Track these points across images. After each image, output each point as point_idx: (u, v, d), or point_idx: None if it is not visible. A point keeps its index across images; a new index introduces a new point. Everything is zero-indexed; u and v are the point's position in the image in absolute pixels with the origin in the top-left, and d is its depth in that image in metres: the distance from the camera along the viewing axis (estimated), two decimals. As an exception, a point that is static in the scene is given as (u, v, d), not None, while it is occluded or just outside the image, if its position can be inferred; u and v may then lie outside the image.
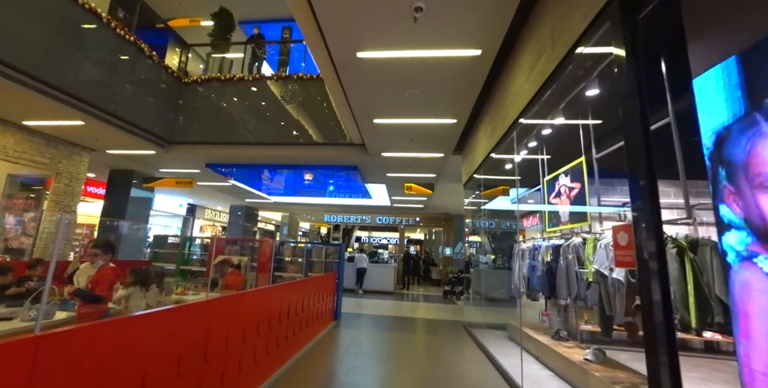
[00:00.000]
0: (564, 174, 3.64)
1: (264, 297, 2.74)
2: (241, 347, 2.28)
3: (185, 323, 1.77)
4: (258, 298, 2.66)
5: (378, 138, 5.07)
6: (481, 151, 4.47)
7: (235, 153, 6.27)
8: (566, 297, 3.22)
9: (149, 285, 2.74)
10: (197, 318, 1.87)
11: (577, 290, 3.12)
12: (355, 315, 5.91)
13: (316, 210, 12.64)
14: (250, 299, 2.55)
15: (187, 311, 1.83)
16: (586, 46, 1.95)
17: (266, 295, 2.76)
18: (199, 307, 1.90)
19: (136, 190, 7.87)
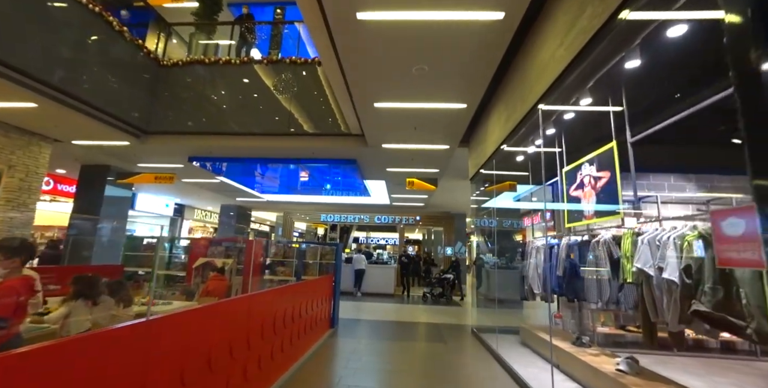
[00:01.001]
0: (588, 163, 3.26)
1: (244, 308, 2.28)
2: (206, 377, 1.79)
3: (108, 355, 1.24)
4: (235, 309, 2.19)
5: (379, 126, 4.64)
6: (492, 141, 4.07)
7: (221, 144, 5.77)
8: (596, 300, 2.83)
9: (96, 297, 2.25)
10: (129, 346, 1.34)
11: (610, 293, 2.73)
12: (353, 321, 5.46)
13: (312, 209, 12.14)
14: (223, 311, 2.08)
15: (112, 337, 1.29)
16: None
17: (246, 305, 2.30)
18: (133, 331, 1.38)
19: (112, 188, 7.30)
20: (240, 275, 5.00)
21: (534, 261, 3.94)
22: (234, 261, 4.95)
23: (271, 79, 5.92)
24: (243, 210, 12.78)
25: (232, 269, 4.90)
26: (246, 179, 8.66)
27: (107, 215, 7.31)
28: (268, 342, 2.62)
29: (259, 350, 2.45)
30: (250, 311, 2.33)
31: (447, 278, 8.18)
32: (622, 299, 2.69)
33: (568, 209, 3.52)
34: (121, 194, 7.75)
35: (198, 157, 6.56)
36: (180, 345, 1.64)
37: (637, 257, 2.41)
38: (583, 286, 3.01)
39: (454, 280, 8.37)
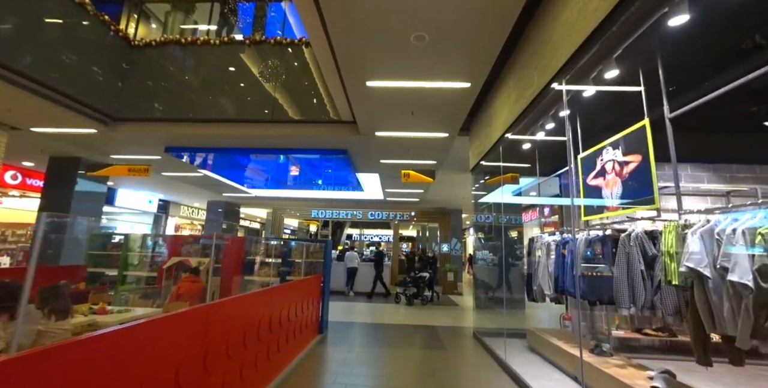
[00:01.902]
0: (612, 146, 2.78)
1: (198, 322, 1.74)
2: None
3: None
4: (185, 324, 1.65)
5: (372, 111, 4.10)
6: (498, 124, 3.57)
7: (199, 133, 5.16)
8: (628, 305, 2.36)
9: (12, 309, 1.69)
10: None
11: (645, 296, 2.26)
12: (344, 324, 4.95)
13: (303, 205, 11.55)
14: (169, 326, 1.54)
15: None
16: None
17: (202, 318, 1.76)
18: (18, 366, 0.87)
19: (86, 183, 6.63)
20: (218, 275, 4.44)
21: (544, 259, 3.47)
22: (211, 260, 4.37)
23: (255, 64, 5.32)
24: (231, 206, 12.12)
25: (210, 269, 4.33)
26: (232, 173, 8.03)
27: (79, 211, 6.64)
28: (236, 361, 2.09)
29: (222, 371, 1.92)
30: (208, 327, 1.79)
31: (422, 276, 7.32)
32: (658, 304, 2.24)
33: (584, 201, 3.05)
34: (95, 188, 7.07)
35: (175, 147, 5.92)
36: (129, 373, 1.10)
37: (687, 254, 1.94)
38: (609, 288, 2.55)
39: (429, 279, 7.55)
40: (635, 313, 2.35)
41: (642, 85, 2.51)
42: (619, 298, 2.40)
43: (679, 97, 2.43)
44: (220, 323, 1.90)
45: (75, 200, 6.53)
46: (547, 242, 3.49)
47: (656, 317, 3.74)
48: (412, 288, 7.10)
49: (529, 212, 9.85)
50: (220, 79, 5.35)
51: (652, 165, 2.31)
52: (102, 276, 4.58)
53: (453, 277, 8.46)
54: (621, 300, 2.39)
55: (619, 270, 2.43)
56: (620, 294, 2.41)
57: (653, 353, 3.61)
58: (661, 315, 2.24)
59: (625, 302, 2.37)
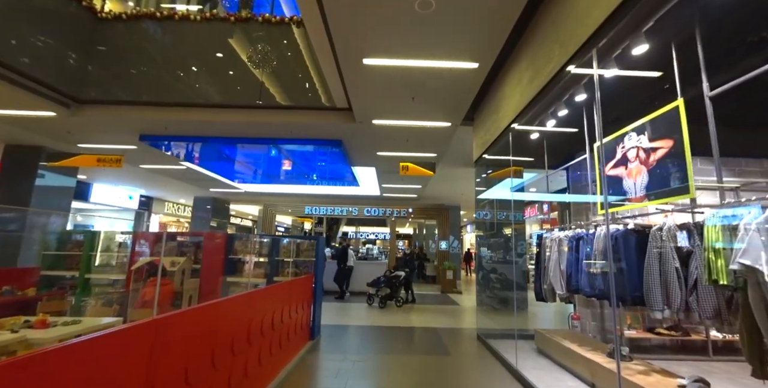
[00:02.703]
0: (636, 132, 2.51)
1: (163, 334, 1.38)
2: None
3: None
4: (146, 336, 1.29)
5: (368, 94, 3.73)
6: (507, 110, 3.25)
7: (177, 118, 4.69)
8: (662, 307, 2.09)
9: None
10: None
11: (681, 297, 1.99)
12: (339, 328, 4.60)
13: (296, 201, 11.09)
14: (126, 340, 1.17)
15: None
16: None
17: (148, 337, 1.38)
18: None
19: (51, 176, 6.05)
20: (197, 277, 4.01)
21: (555, 256, 3.20)
22: (189, 260, 3.94)
23: (243, 49, 4.86)
24: (220, 203, 11.56)
25: (186, 269, 3.90)
26: (218, 166, 7.52)
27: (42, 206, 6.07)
28: (204, 384, 1.71)
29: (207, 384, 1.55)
30: (155, 348, 1.40)
31: (397, 275, 6.46)
32: (694, 305, 1.97)
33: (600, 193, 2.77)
34: (62, 182, 6.49)
35: (150, 135, 5.42)
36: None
37: (740, 249, 1.66)
38: (637, 287, 2.27)
39: (405, 279, 6.62)
40: (669, 316, 2.07)
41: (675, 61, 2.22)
42: (650, 299, 2.13)
43: (713, 77, 2.17)
44: (175, 341, 1.53)
45: (37, 194, 5.96)
46: (558, 238, 3.21)
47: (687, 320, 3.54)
48: (385, 289, 6.33)
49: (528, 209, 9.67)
50: (201, 60, 4.88)
51: (686, 150, 2.03)
52: (61, 280, 4.08)
53: (452, 275, 8.20)
54: (653, 302, 2.12)
55: (650, 268, 2.15)
56: (652, 295, 2.13)
57: (665, 353, 3.41)
58: (697, 318, 1.96)
59: (657, 303, 2.10)
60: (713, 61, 2.20)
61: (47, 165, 5.82)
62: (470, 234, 17.56)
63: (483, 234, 5.98)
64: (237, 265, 4.20)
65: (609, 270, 2.55)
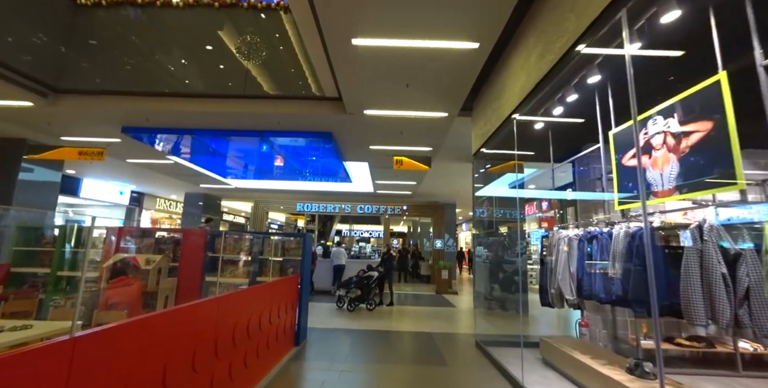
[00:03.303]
0: (662, 115, 2.18)
1: (87, 353, 1.04)
2: None
3: None
4: (61, 357, 0.95)
5: (359, 81, 3.38)
6: (511, 95, 2.92)
7: (159, 109, 4.34)
8: (705, 321, 1.75)
9: None
10: None
11: (731, 309, 1.66)
12: (327, 332, 4.27)
13: (288, 198, 10.73)
14: (38, 360, 0.84)
15: None
16: None
17: (91, 347, 1.05)
18: None
19: (36, 170, 5.70)
20: (174, 276, 3.68)
21: (564, 258, 2.87)
22: (166, 257, 3.61)
23: (230, 37, 4.50)
24: (211, 199, 11.20)
25: (163, 268, 3.57)
26: (207, 161, 7.16)
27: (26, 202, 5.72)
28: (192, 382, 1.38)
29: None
30: (74, 373, 1.06)
31: (369, 276, 5.80)
32: (746, 320, 1.63)
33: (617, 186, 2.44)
34: (47, 176, 6.13)
35: (133, 127, 5.06)
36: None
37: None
38: (666, 295, 1.94)
39: (378, 279, 5.89)
40: (716, 332, 1.75)
41: (714, 28, 1.88)
42: (691, 312, 1.79)
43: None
44: (108, 360, 1.19)
45: (20, 189, 5.62)
46: (567, 237, 2.89)
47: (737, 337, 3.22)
48: (355, 290, 5.68)
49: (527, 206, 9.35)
50: (183, 47, 4.52)
51: (731, 132, 1.70)
52: (34, 277, 3.73)
53: (447, 275, 7.89)
54: (694, 315, 1.78)
55: (689, 274, 1.82)
56: (693, 307, 1.80)
57: (685, 366, 3.08)
58: (752, 336, 1.63)
59: (699, 317, 1.76)
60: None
61: (27, 158, 5.46)
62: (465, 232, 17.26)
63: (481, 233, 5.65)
64: (218, 264, 3.86)
65: (615, 273, 2.22)
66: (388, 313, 5.69)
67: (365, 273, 6.02)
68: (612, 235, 2.47)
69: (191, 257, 3.72)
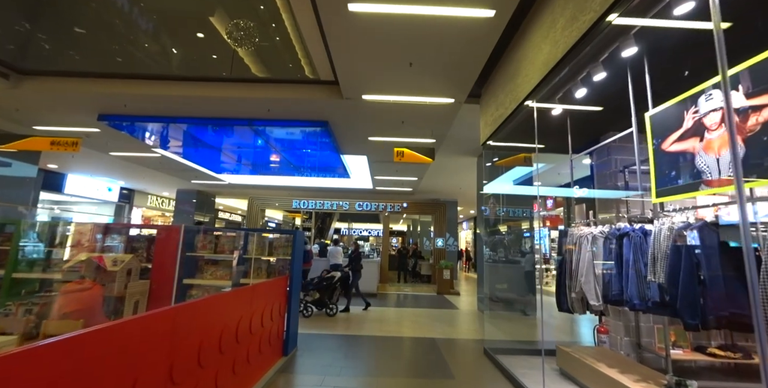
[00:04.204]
0: (719, 88, 1.79)
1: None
2: None
3: None
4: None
5: (356, 58, 2.97)
6: (532, 71, 2.52)
7: (137, 93, 3.92)
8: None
9: None
10: None
11: None
12: (320, 338, 3.87)
13: (283, 194, 10.29)
14: None
15: None
16: None
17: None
18: None
19: (12, 164, 5.24)
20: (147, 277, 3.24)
21: (587, 257, 2.49)
22: (136, 258, 3.17)
23: (222, 24, 4.06)
24: (205, 196, 10.73)
25: (134, 269, 3.13)
26: (197, 155, 6.70)
27: None
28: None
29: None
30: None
31: (331, 277, 5.19)
32: None
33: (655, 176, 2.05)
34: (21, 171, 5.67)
35: (110, 115, 4.61)
36: None
37: None
38: (723, 303, 1.57)
39: (342, 280, 5.28)
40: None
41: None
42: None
43: None
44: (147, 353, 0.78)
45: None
46: (591, 234, 2.50)
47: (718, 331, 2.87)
48: (314, 293, 5.04)
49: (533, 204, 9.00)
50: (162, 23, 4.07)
51: None
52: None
53: (449, 275, 7.51)
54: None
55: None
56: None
57: (716, 378, 2.73)
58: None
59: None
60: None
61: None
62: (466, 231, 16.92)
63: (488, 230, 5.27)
64: (198, 264, 3.44)
65: (657, 278, 1.84)
66: (388, 316, 5.30)
67: (328, 273, 5.33)
68: (648, 232, 2.10)
69: (166, 256, 3.29)
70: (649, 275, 1.91)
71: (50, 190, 8.77)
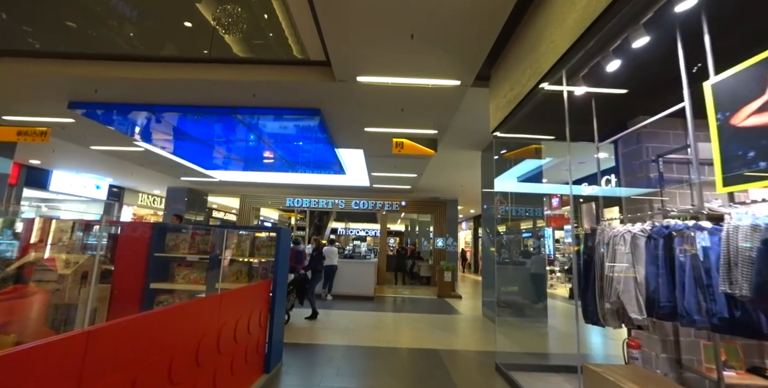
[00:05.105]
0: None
1: None
2: None
3: None
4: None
5: (351, 31, 2.52)
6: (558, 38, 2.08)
7: (108, 75, 3.46)
8: None
9: None
10: None
11: None
12: (310, 348, 3.41)
13: (276, 192, 9.82)
14: None
15: None
16: None
17: None
18: None
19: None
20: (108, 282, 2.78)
21: (626, 260, 2.05)
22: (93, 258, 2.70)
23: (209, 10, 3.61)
24: (197, 194, 10.25)
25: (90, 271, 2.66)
26: (183, 149, 6.22)
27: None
28: None
29: None
30: None
31: (295, 277, 4.60)
32: None
33: (720, 159, 1.62)
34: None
35: (81, 102, 4.14)
36: None
37: None
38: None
39: (296, 283, 4.59)
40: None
41: None
42: None
43: None
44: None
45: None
46: (629, 234, 2.06)
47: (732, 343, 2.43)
48: None
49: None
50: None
51: None
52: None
53: (450, 277, 7.06)
54: None
55: None
56: None
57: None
58: None
59: None
60: None
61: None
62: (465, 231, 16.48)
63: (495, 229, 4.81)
64: (169, 266, 2.97)
65: (740, 290, 1.40)
66: (386, 322, 4.84)
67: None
68: (710, 230, 1.66)
69: (132, 257, 2.82)
70: (722, 284, 1.47)
71: (35, 188, 8.28)
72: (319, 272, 5.06)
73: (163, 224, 3.70)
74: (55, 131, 5.20)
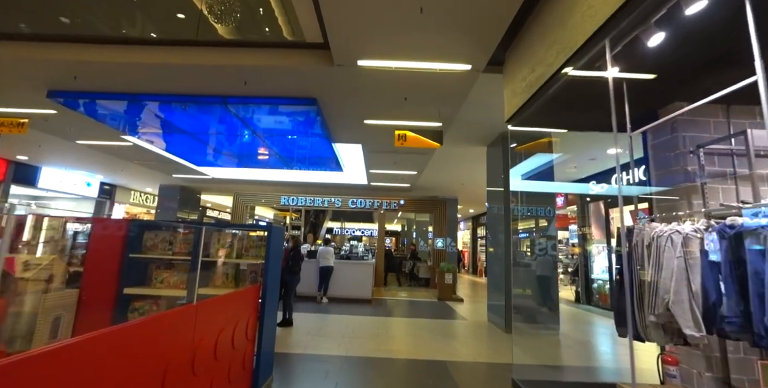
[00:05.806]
0: None
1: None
2: None
3: None
4: None
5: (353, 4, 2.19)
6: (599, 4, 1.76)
7: (88, 59, 3.11)
8: None
9: None
10: None
11: None
12: (304, 359, 3.06)
13: (272, 190, 9.44)
14: None
15: None
16: None
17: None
18: None
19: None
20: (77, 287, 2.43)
21: (678, 266, 1.72)
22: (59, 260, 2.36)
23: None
24: (190, 192, 9.85)
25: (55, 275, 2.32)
26: (173, 143, 5.85)
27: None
28: None
29: None
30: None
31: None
32: None
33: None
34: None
35: (61, 91, 3.78)
36: None
37: None
38: None
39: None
40: None
41: None
42: None
43: None
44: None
45: None
46: (681, 234, 1.73)
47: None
48: None
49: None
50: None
51: None
52: None
53: (451, 279, 6.72)
54: None
55: None
56: None
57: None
58: None
59: None
60: None
61: None
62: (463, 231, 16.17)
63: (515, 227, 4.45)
64: (147, 269, 2.61)
65: None
66: (386, 328, 4.49)
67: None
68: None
69: (103, 258, 2.47)
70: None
71: (23, 184, 7.86)
72: (297, 274, 4.45)
73: (139, 220, 3.32)
74: (38, 124, 4.83)
